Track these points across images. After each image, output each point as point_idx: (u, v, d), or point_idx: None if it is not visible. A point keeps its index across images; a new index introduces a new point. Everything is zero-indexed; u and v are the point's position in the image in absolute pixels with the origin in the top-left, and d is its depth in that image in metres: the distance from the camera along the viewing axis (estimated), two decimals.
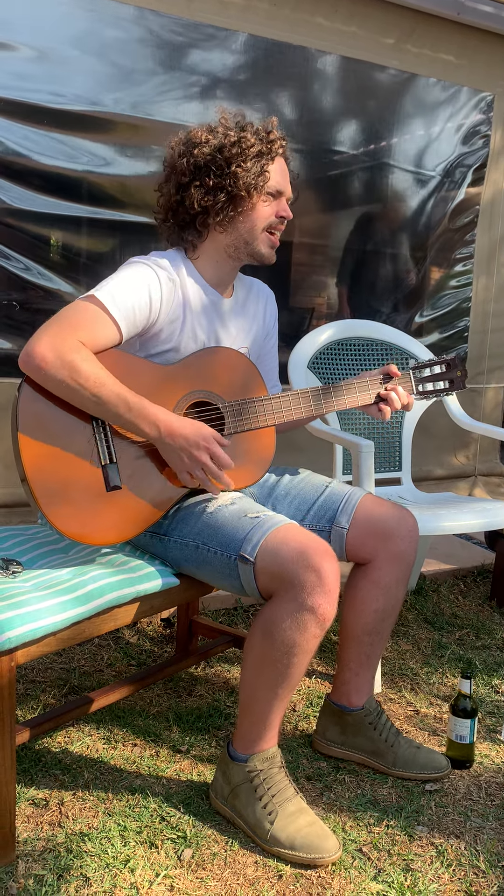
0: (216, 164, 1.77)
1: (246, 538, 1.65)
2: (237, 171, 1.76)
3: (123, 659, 2.44)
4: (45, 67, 2.82)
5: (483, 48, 3.72)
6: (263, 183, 1.80)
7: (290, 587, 1.59)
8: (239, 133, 1.78)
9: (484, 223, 3.96)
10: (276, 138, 1.82)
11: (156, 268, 1.77)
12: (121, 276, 1.74)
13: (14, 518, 2.97)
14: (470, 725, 1.95)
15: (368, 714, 1.95)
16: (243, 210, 1.81)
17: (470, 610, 2.97)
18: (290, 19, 3.23)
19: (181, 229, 1.86)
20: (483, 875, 1.62)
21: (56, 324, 1.65)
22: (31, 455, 1.62)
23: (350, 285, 3.74)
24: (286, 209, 1.86)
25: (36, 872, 1.56)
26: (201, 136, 1.80)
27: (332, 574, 1.60)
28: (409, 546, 1.89)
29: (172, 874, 1.57)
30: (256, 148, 1.78)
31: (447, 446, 4.04)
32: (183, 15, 3.01)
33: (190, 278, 1.83)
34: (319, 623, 1.60)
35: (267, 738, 1.71)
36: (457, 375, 1.99)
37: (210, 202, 1.79)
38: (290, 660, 1.62)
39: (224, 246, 1.85)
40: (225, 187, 1.77)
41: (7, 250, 2.88)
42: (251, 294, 2.01)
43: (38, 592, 1.59)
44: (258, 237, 1.84)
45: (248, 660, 1.68)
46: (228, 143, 1.77)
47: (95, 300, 1.69)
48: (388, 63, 3.51)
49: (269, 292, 2.08)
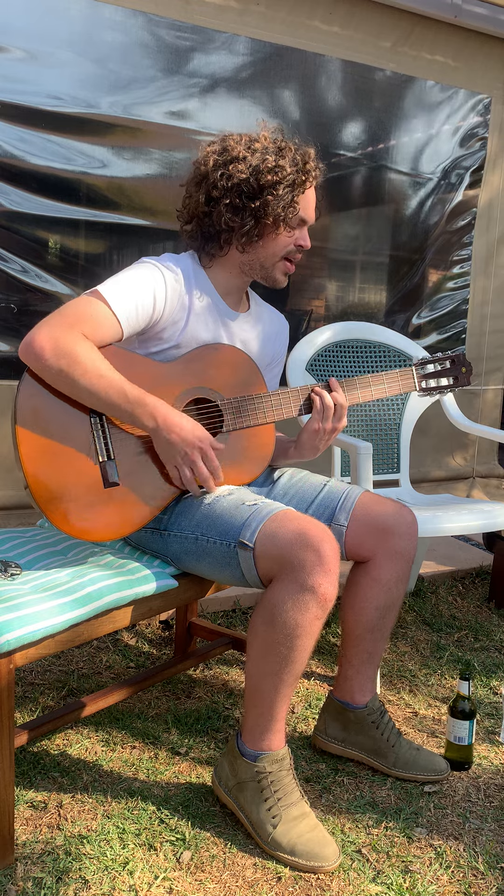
0: (249, 185, 1.78)
1: (244, 525, 1.66)
2: (268, 199, 1.77)
3: (122, 661, 2.44)
4: (40, 70, 2.82)
5: (480, 51, 3.73)
6: (292, 215, 1.82)
7: (290, 568, 1.59)
8: (277, 159, 1.78)
9: (481, 225, 3.97)
10: (311, 169, 1.83)
11: (164, 269, 1.79)
12: (128, 274, 1.76)
13: (12, 520, 2.97)
14: (468, 727, 1.95)
15: (372, 713, 1.95)
16: (266, 236, 1.83)
17: (468, 611, 2.97)
18: (287, 22, 3.23)
19: (205, 239, 1.87)
20: (482, 876, 1.62)
21: (58, 316, 1.67)
22: (28, 450, 1.63)
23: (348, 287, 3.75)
24: (306, 239, 1.88)
25: (35, 875, 1.55)
26: (239, 151, 1.79)
27: (332, 554, 1.60)
28: (408, 542, 1.89)
29: (171, 876, 1.57)
30: (291, 178, 1.79)
31: (445, 448, 4.04)
32: (179, 18, 3.01)
33: (199, 284, 1.85)
34: (321, 603, 1.60)
35: (274, 731, 1.69)
36: (461, 372, 1.96)
37: (237, 224, 1.80)
38: (293, 642, 1.61)
39: (240, 262, 1.88)
40: (254, 212, 1.79)
41: (5, 253, 2.88)
42: (266, 318, 2.02)
43: (36, 595, 1.59)
44: (276, 264, 1.87)
45: (251, 650, 1.67)
46: (265, 168, 1.77)
47: (99, 295, 1.70)
48: (386, 66, 3.52)
49: (286, 324, 2.10)
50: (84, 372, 1.62)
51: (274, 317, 2.07)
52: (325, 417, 1.84)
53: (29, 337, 1.64)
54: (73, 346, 1.62)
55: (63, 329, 1.64)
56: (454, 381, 1.97)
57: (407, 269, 3.85)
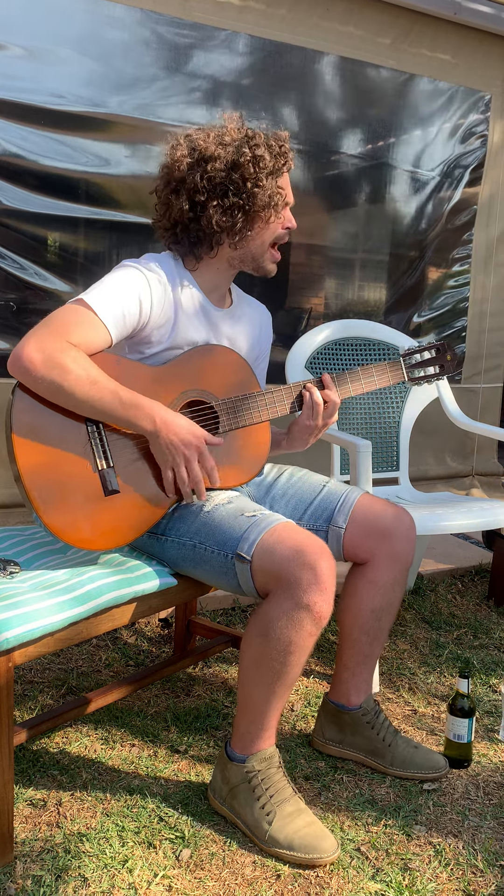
0: (233, 182, 1.75)
1: (242, 537, 1.65)
2: (255, 192, 1.76)
3: (121, 659, 2.44)
4: (41, 67, 2.82)
5: (480, 48, 3.72)
6: (280, 200, 1.81)
7: (286, 585, 1.60)
8: (254, 150, 1.76)
9: (481, 223, 3.97)
10: (287, 151, 1.81)
11: (147, 272, 1.76)
12: (111, 279, 1.73)
13: (12, 519, 2.97)
14: (468, 725, 1.95)
15: (366, 713, 1.95)
16: (256, 227, 1.82)
17: (468, 609, 2.97)
18: (287, 19, 3.23)
19: (192, 245, 1.84)
20: (481, 874, 1.62)
21: (45, 326, 1.64)
22: (26, 463, 1.61)
23: (347, 285, 3.74)
24: (291, 220, 1.87)
25: (34, 873, 1.56)
26: (212, 149, 1.76)
27: (328, 572, 1.60)
28: (406, 546, 1.88)
29: (171, 874, 1.57)
30: (271, 164, 1.78)
31: (444, 446, 4.04)
32: (179, 15, 3.01)
33: (183, 284, 1.82)
34: (315, 621, 1.60)
35: (264, 737, 1.71)
36: (447, 360, 1.99)
37: (229, 223, 1.78)
38: (286, 658, 1.62)
39: (229, 258, 1.86)
40: (243, 206, 1.77)
41: (4, 250, 2.88)
42: (248, 312, 2.01)
43: (35, 593, 1.59)
44: (265, 253, 1.86)
45: (244, 659, 1.68)
46: (245, 161, 1.75)
47: (84, 304, 1.67)
48: (386, 63, 3.52)
49: (268, 315, 2.09)
50: (76, 381, 1.60)
51: (256, 308, 2.05)
52: (316, 414, 1.84)
53: (17, 350, 1.61)
54: (63, 356, 1.60)
55: (51, 339, 1.61)
56: (440, 370, 1.99)
57: (407, 266, 3.85)
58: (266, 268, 1.89)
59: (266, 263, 1.88)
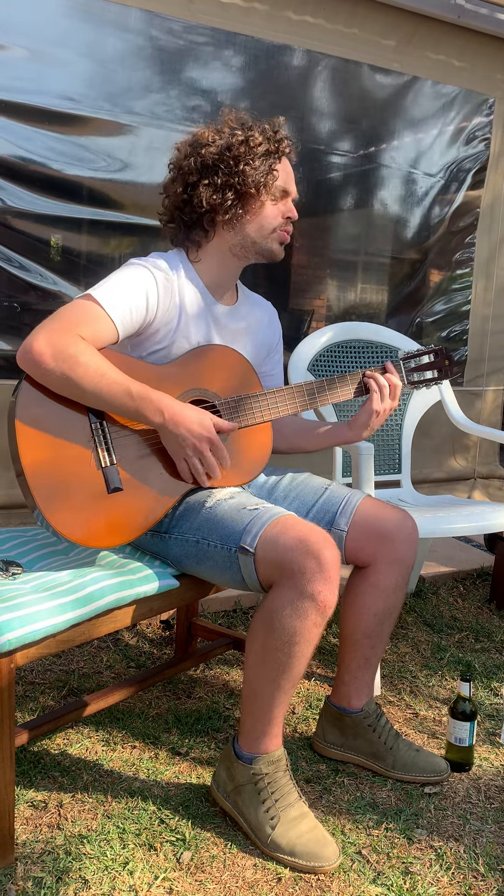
0: (224, 162, 1.77)
1: (245, 529, 1.65)
2: (245, 170, 1.77)
3: (122, 661, 2.44)
4: (44, 69, 2.82)
5: (483, 51, 3.72)
6: (272, 181, 1.81)
7: (290, 575, 1.59)
8: (247, 132, 1.79)
9: (484, 226, 3.97)
10: (283, 137, 1.83)
11: (153, 270, 1.78)
12: (118, 276, 1.75)
13: (14, 519, 2.97)
14: (469, 728, 1.95)
15: (367, 716, 1.95)
16: (252, 209, 1.82)
17: (469, 612, 2.97)
18: (291, 21, 3.23)
19: (188, 229, 1.86)
20: (482, 878, 1.61)
21: (54, 320, 1.66)
22: (30, 460, 1.62)
23: (350, 288, 3.75)
24: (292, 210, 1.87)
25: (35, 875, 1.55)
26: (208, 136, 1.80)
27: (333, 562, 1.60)
28: (408, 549, 1.88)
29: (171, 876, 1.57)
30: (264, 147, 1.79)
31: (447, 449, 4.04)
32: (183, 17, 3.01)
33: (188, 281, 1.83)
34: (320, 611, 1.59)
35: (271, 735, 1.70)
36: (444, 364, 2.01)
37: (218, 200, 1.79)
38: (291, 649, 1.61)
39: (230, 245, 1.86)
40: (234, 185, 1.78)
41: (7, 251, 2.88)
42: (254, 308, 2.01)
43: (37, 594, 1.59)
44: (267, 236, 1.85)
45: (250, 653, 1.67)
46: (236, 141, 1.78)
47: (93, 298, 1.69)
48: (389, 66, 3.52)
49: (273, 311, 2.09)
50: (85, 373, 1.62)
51: (262, 306, 2.05)
52: (383, 396, 1.92)
53: (26, 344, 1.63)
54: (73, 349, 1.62)
55: (60, 333, 1.63)
56: (439, 374, 2.01)
57: (409, 269, 3.85)
58: (271, 248, 1.87)
59: (271, 245, 1.87)
